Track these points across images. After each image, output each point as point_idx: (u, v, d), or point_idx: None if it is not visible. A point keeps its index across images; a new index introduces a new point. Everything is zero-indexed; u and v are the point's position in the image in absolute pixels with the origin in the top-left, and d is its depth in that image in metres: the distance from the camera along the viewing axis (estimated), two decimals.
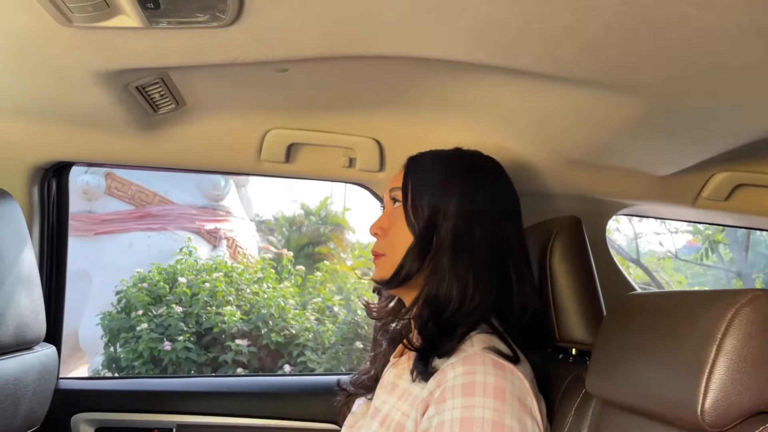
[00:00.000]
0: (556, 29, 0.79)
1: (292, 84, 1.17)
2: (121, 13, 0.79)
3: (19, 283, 1.12)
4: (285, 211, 9.31)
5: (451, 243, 0.94)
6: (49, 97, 1.14)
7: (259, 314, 4.65)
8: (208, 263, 5.10)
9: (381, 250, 1.02)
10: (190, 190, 8.54)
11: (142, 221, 7.85)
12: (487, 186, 1.02)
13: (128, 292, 4.71)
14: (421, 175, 1.01)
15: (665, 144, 1.24)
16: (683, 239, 9.03)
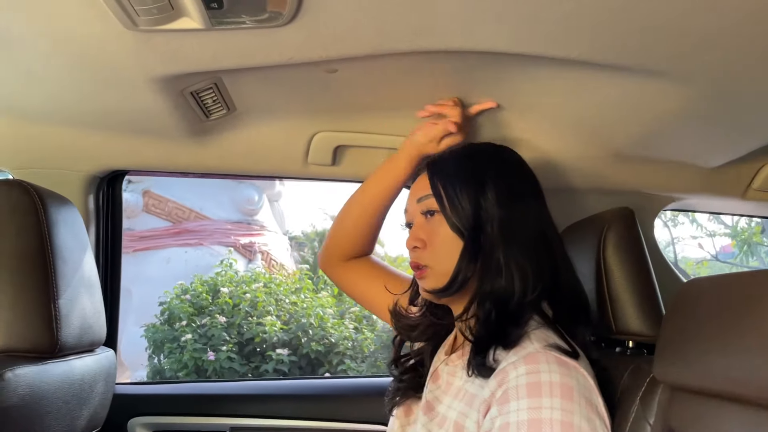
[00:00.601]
0: (610, 13, 0.79)
1: (339, 85, 1.19)
2: (184, 15, 0.82)
3: (82, 286, 1.16)
4: (315, 225, 9.36)
5: (500, 236, 0.93)
6: (108, 105, 1.18)
7: (299, 324, 4.69)
8: (247, 275, 5.16)
9: (425, 261, 0.98)
10: (225, 206, 8.67)
11: (179, 237, 7.99)
12: (514, 171, 1.01)
13: (172, 304, 4.80)
14: (450, 175, 0.99)
15: (716, 134, 1.22)
16: (717, 244, 8.88)
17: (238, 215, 8.68)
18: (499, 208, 0.94)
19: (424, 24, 0.88)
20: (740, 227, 7.26)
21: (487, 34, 0.89)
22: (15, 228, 1.04)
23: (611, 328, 1.11)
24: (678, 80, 0.97)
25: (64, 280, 1.09)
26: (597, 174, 1.42)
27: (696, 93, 1.01)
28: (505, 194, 0.95)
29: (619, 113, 1.17)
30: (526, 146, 1.31)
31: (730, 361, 0.69)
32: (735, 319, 0.70)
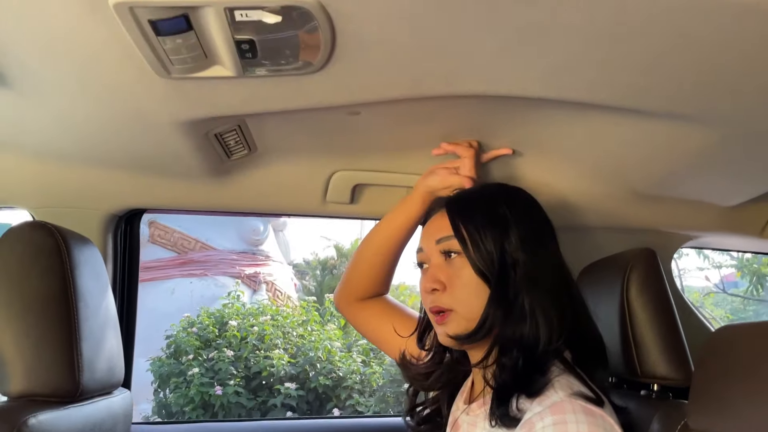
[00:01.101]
0: (640, 63, 0.80)
1: (359, 126, 1.20)
2: (217, 63, 0.83)
3: (103, 328, 1.15)
4: (318, 253, 9.33)
5: (524, 281, 0.91)
6: (131, 146, 1.19)
7: (307, 357, 4.65)
8: (254, 307, 5.14)
9: (447, 305, 0.95)
10: (230, 236, 8.67)
11: (185, 267, 7.98)
12: (534, 214, 1.00)
13: (178, 337, 4.76)
14: (473, 217, 0.96)
15: (735, 173, 1.23)
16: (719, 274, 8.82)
17: (244, 245, 8.68)
18: (523, 252, 0.93)
19: (453, 71, 0.89)
20: (746, 258, 7.23)
21: (515, 80, 0.90)
22: (39, 270, 1.04)
23: (636, 371, 1.10)
24: (700, 124, 0.98)
25: (87, 323, 1.08)
26: (615, 213, 1.42)
27: (717, 136, 1.01)
28: (528, 238, 0.94)
29: (640, 154, 1.18)
30: (543, 185, 1.32)
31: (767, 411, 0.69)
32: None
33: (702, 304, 8.72)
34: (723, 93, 0.86)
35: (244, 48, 0.76)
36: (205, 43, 0.77)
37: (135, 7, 0.67)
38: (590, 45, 0.77)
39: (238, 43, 0.75)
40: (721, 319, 8.87)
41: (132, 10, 0.67)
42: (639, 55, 0.79)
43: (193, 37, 0.74)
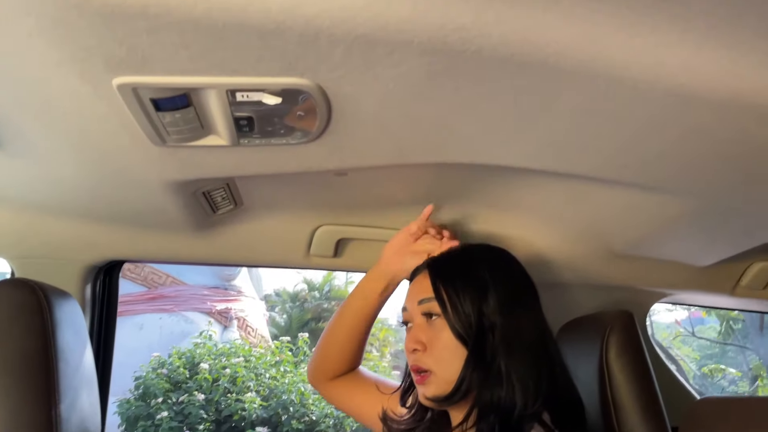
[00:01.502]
0: (620, 143, 0.84)
1: (345, 185, 1.22)
2: (213, 133, 0.84)
3: (82, 386, 1.13)
4: (287, 287, 9.24)
5: (502, 344, 0.93)
6: (118, 202, 1.19)
7: (279, 400, 4.57)
8: (226, 347, 5.05)
9: (427, 366, 0.96)
10: (203, 270, 8.57)
11: (154, 303, 7.84)
12: (514, 276, 1.02)
13: (147, 378, 4.65)
14: (452, 279, 0.99)
15: (708, 237, 1.27)
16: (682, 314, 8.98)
17: (216, 280, 8.58)
18: (501, 316, 0.94)
19: (440, 142, 0.92)
20: None
21: (499, 153, 0.93)
22: (20, 330, 1.02)
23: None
24: (676, 195, 1.02)
25: (65, 382, 1.07)
26: (593, 271, 1.45)
27: (692, 206, 1.05)
28: (507, 301, 0.96)
29: (617, 218, 1.21)
30: (522, 243, 1.35)
31: None
32: None
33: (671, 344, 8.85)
34: (697, 171, 0.90)
35: (241, 123, 0.78)
36: (203, 117, 0.78)
37: (138, 88, 0.68)
38: (574, 124, 0.81)
39: (237, 119, 0.77)
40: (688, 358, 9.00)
41: (135, 90, 0.69)
42: (619, 135, 0.82)
43: (192, 113, 0.76)
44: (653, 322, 9.07)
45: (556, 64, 0.65)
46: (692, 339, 9.26)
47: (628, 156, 0.88)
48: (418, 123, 0.84)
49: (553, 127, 0.82)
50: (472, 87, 0.72)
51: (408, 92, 0.74)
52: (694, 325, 8.83)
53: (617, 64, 0.64)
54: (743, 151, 0.81)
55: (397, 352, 8.73)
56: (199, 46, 0.62)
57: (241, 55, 0.64)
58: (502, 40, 0.62)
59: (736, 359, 9.68)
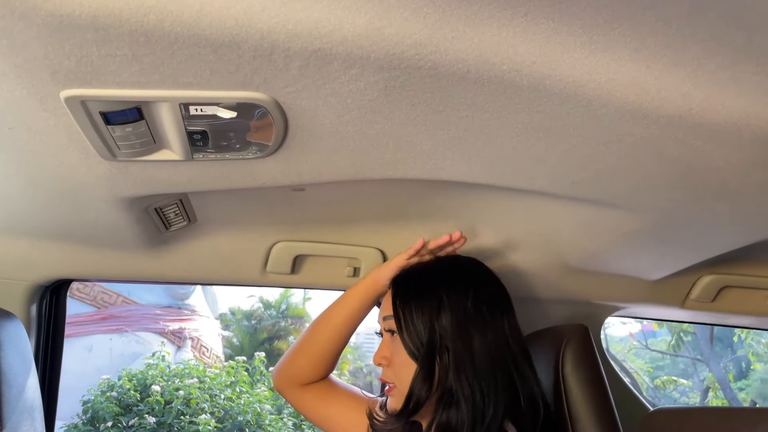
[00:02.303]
0: (575, 159, 0.85)
1: (302, 201, 1.21)
2: (165, 148, 0.82)
3: (25, 412, 1.08)
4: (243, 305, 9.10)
5: (453, 363, 0.94)
6: (66, 219, 1.15)
7: (235, 421, 4.46)
8: (179, 368, 4.92)
9: (390, 380, 1.02)
10: (155, 290, 8.37)
11: (104, 323, 7.62)
12: (473, 288, 1.02)
13: (96, 402, 4.48)
14: (409, 297, 1.01)
15: (659, 252, 1.30)
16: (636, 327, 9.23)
17: (169, 299, 8.39)
18: (453, 334, 0.96)
19: (398, 158, 0.92)
20: None
21: (458, 169, 0.94)
22: None
23: None
24: (628, 211, 1.04)
25: (8, 407, 1.02)
26: (550, 285, 1.47)
27: (642, 219, 1.08)
28: (461, 320, 0.97)
29: (571, 233, 1.23)
30: (482, 258, 1.35)
31: None
32: None
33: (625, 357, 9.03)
34: (648, 187, 0.92)
35: (195, 137, 0.77)
36: (155, 131, 0.76)
37: (87, 101, 0.66)
38: (529, 143, 0.82)
39: (190, 133, 0.75)
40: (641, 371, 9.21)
41: (84, 103, 0.66)
42: (573, 152, 0.84)
43: (144, 126, 0.74)
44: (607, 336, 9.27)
45: (511, 81, 0.66)
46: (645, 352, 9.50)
47: (582, 172, 0.89)
48: (375, 138, 0.84)
49: (509, 144, 0.83)
50: (428, 103, 0.72)
51: (365, 107, 0.74)
52: (647, 338, 9.07)
53: (571, 81, 0.65)
54: (691, 168, 0.84)
55: (355, 369, 8.67)
56: (151, 58, 0.61)
57: (195, 68, 0.63)
58: (457, 56, 0.62)
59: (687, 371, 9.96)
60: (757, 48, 0.61)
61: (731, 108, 0.69)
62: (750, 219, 1.03)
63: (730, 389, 8.20)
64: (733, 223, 1.06)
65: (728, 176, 0.84)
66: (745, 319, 1.73)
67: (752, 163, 0.79)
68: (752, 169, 0.82)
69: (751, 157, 0.78)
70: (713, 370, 8.14)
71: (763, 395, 9.30)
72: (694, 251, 1.27)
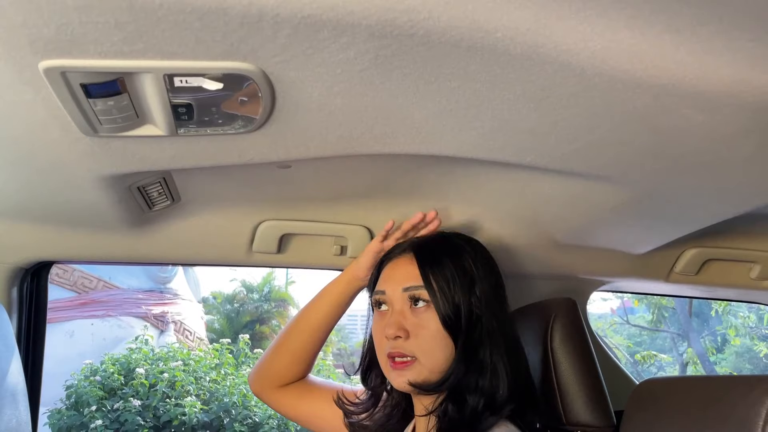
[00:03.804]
0: (565, 131, 0.85)
1: (289, 178, 1.19)
2: (148, 122, 0.80)
3: (7, 397, 1.06)
4: (224, 289, 9.06)
5: (487, 335, 0.94)
6: (47, 200, 1.12)
7: (221, 403, 4.46)
8: (163, 351, 4.89)
9: (410, 353, 0.95)
10: (137, 274, 8.31)
11: (85, 308, 7.55)
12: (493, 268, 1.03)
13: (79, 387, 4.45)
14: (442, 267, 0.98)
15: (644, 225, 1.31)
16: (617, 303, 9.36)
17: (151, 284, 8.33)
18: (486, 307, 0.96)
19: (388, 132, 0.90)
20: None
21: (447, 143, 0.92)
22: None
23: (561, 419, 1.13)
24: (615, 183, 1.04)
25: None
26: (537, 260, 1.47)
27: (629, 193, 1.08)
28: (490, 293, 0.98)
29: (558, 207, 1.23)
30: (469, 234, 1.35)
31: None
32: (695, 423, 0.74)
33: (605, 333, 9.17)
34: (637, 159, 0.92)
35: (180, 111, 0.74)
36: (138, 105, 0.74)
37: (67, 72, 0.64)
38: (521, 114, 0.81)
39: (175, 106, 0.73)
40: (621, 346, 9.38)
41: (64, 74, 0.64)
42: (562, 126, 0.83)
43: (126, 99, 0.72)
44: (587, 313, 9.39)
45: (505, 50, 0.64)
46: (624, 328, 9.65)
47: (572, 144, 0.89)
48: (365, 111, 0.82)
49: (501, 116, 0.82)
50: (420, 73, 0.71)
51: (355, 78, 0.72)
52: (627, 314, 9.21)
53: (565, 49, 0.64)
54: (680, 139, 0.83)
55: (339, 350, 8.71)
56: (134, 26, 0.59)
57: (180, 36, 0.61)
58: (450, 23, 0.61)
59: (665, 346, 10.14)
60: (753, 15, 0.60)
61: (724, 76, 0.69)
62: (736, 191, 1.04)
63: (710, 363, 8.37)
64: (719, 194, 1.06)
65: (718, 146, 0.84)
66: (729, 291, 1.76)
67: (743, 132, 0.79)
68: (742, 140, 0.81)
69: (742, 126, 0.78)
70: (693, 345, 8.30)
71: (738, 369, 9.51)
72: (679, 224, 1.28)
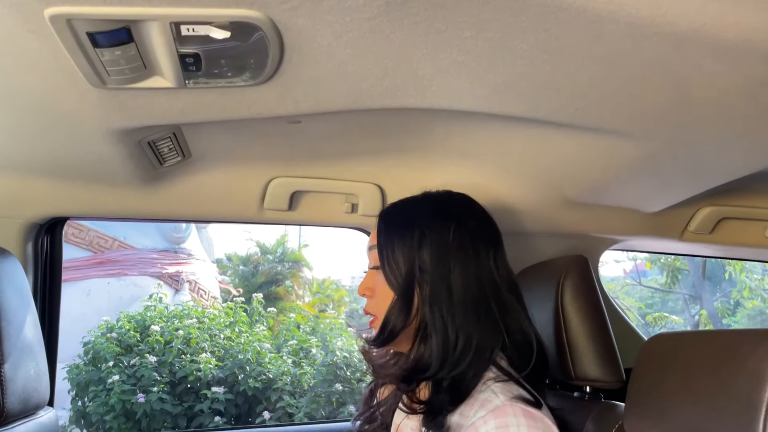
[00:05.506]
0: (580, 83, 0.83)
1: (298, 134, 1.18)
2: (156, 74, 0.79)
3: (26, 347, 1.08)
4: (239, 251, 9.12)
5: (430, 297, 0.93)
6: (58, 154, 1.12)
7: (236, 360, 4.54)
8: (178, 309, 4.97)
9: (372, 311, 1.02)
10: (151, 234, 8.38)
11: (101, 267, 7.64)
12: (459, 225, 0.99)
13: (96, 343, 4.54)
14: (392, 230, 1.00)
15: (659, 182, 1.29)
16: (630, 265, 9.34)
17: (165, 243, 8.41)
18: (433, 268, 0.94)
19: (397, 85, 0.89)
20: None
21: (459, 96, 0.91)
22: None
23: (570, 374, 1.14)
24: (630, 138, 1.02)
25: (9, 342, 1.02)
26: (548, 218, 1.46)
27: (645, 149, 1.06)
28: (441, 253, 0.95)
29: (572, 164, 1.22)
30: (480, 192, 1.34)
31: (699, 419, 0.72)
32: (704, 377, 0.74)
33: (617, 295, 9.18)
34: (652, 113, 0.90)
35: (188, 61, 0.73)
36: (145, 55, 0.73)
37: (73, 20, 0.63)
38: (534, 66, 0.79)
39: (182, 56, 0.72)
40: (633, 308, 9.40)
41: (69, 22, 0.63)
42: (577, 77, 0.81)
43: (134, 49, 0.71)
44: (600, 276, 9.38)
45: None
46: (636, 290, 9.64)
47: (586, 97, 0.87)
48: (374, 63, 0.81)
49: (514, 68, 0.81)
50: (431, 21, 0.69)
51: (364, 27, 0.70)
52: (640, 276, 9.19)
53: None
54: (697, 89, 0.81)
55: (351, 311, 8.79)
56: None
57: None
58: None
59: (675, 307, 10.15)
60: None
61: (744, 24, 0.67)
62: (752, 145, 1.02)
63: (722, 325, 8.37)
64: (735, 149, 1.04)
65: (734, 98, 0.82)
66: (743, 250, 1.74)
67: (760, 83, 0.77)
68: (760, 90, 0.79)
69: (760, 77, 0.76)
70: (705, 306, 8.28)
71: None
72: (694, 181, 1.26)
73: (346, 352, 4.80)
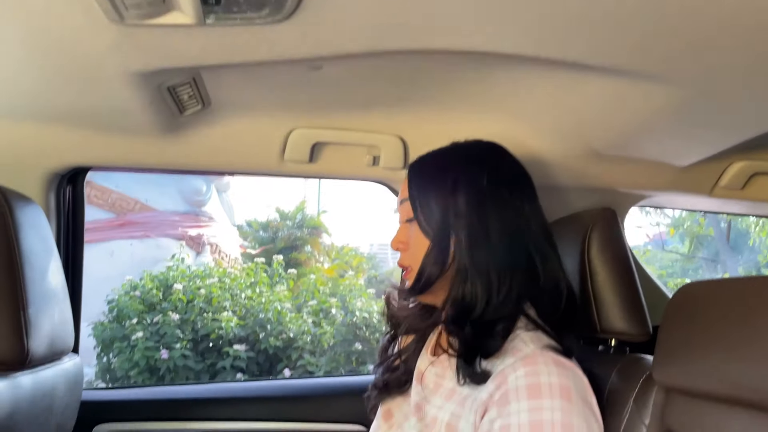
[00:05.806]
0: (613, 19, 0.79)
1: (320, 82, 1.16)
2: (175, 9, 0.77)
3: (50, 292, 1.09)
4: (258, 217, 9.16)
5: (467, 241, 0.92)
6: (76, 99, 1.11)
7: (256, 319, 4.61)
8: (200, 270, 5.03)
9: (406, 263, 1.02)
10: (172, 197, 8.46)
11: (124, 229, 7.75)
12: (492, 171, 0.98)
13: (120, 301, 4.63)
14: (424, 180, 1.00)
15: (690, 134, 1.25)
16: (651, 232, 9.22)
17: (186, 206, 8.48)
18: (468, 214, 0.93)
19: (422, 24, 0.85)
20: (682, 217, 7.54)
21: (488, 36, 0.87)
22: None
23: (596, 327, 1.12)
24: (663, 81, 0.98)
25: (33, 287, 1.02)
26: (575, 172, 1.43)
27: (678, 94, 1.02)
28: (476, 199, 0.94)
29: (600, 113, 1.18)
30: (505, 144, 1.30)
31: (733, 366, 0.70)
32: (737, 325, 0.71)
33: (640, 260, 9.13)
34: (689, 53, 0.86)
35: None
36: None
37: None
38: (567, 1, 0.76)
39: None
40: (654, 276, 9.34)
41: None
42: (611, 12, 0.77)
43: None
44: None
45: None
46: (656, 258, 9.55)
47: (620, 36, 0.83)
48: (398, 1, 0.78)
49: (545, 4, 0.77)
50: None
51: None
52: (660, 245, 9.08)
53: None
54: (740, 28, 0.77)
55: (370, 278, 8.83)
56: None
57: None
58: None
59: (696, 275, 10.05)
60: None
61: None
62: None
63: None
64: (764, 97, 0.99)
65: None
66: None
67: None
68: None
69: None
70: (729, 270, 8.17)
71: None
72: (727, 133, 1.21)
73: (366, 312, 4.85)
